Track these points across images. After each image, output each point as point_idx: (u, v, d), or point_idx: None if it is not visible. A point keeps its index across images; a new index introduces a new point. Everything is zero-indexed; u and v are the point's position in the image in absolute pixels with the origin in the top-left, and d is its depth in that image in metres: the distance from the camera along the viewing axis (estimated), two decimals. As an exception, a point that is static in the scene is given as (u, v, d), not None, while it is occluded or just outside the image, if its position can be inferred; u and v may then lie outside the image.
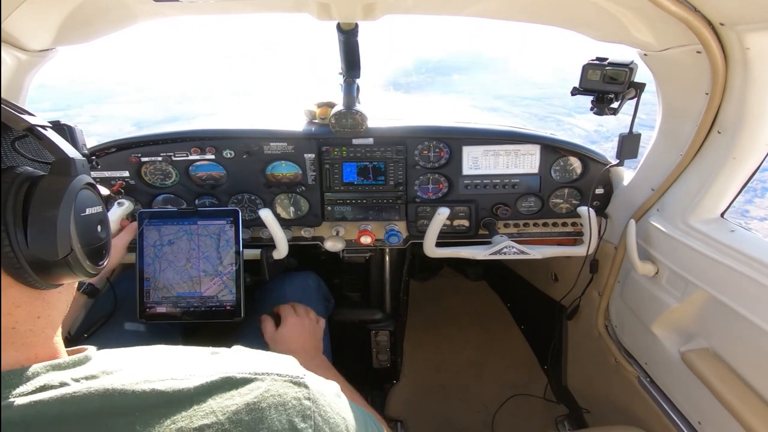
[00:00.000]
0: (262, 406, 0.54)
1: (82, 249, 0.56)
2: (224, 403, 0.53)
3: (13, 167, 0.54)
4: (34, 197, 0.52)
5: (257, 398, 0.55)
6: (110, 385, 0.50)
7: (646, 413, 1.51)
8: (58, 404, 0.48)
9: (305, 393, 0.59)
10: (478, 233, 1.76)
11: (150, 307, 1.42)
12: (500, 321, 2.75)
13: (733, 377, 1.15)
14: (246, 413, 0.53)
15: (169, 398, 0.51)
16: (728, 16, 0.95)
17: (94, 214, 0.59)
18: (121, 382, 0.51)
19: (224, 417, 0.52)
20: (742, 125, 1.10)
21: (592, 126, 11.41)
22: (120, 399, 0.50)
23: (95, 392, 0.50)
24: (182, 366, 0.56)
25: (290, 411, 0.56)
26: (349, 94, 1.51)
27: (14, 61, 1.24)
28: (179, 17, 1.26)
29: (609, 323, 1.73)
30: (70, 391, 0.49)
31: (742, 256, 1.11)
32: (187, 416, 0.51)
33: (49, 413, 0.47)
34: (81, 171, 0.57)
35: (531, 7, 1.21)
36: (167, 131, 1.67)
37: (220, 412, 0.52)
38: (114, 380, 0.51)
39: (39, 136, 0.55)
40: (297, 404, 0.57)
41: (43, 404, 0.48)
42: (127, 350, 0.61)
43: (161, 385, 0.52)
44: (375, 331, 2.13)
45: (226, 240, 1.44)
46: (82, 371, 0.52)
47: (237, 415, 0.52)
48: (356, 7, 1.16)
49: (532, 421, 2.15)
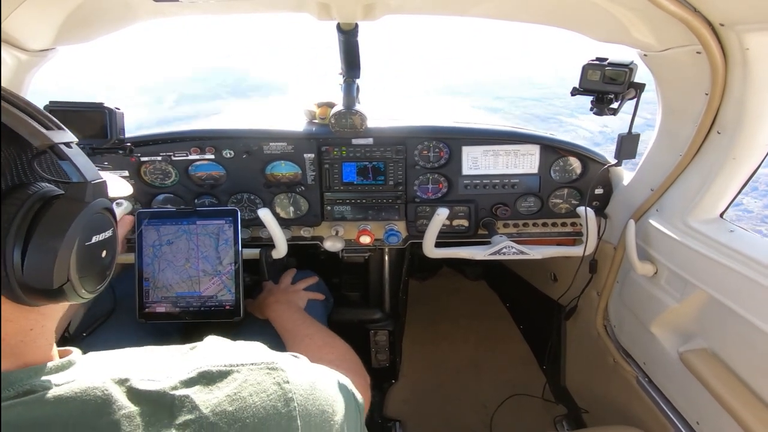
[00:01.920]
0: (243, 395, 0.55)
1: (80, 279, 0.54)
2: (204, 397, 0.54)
3: (27, 184, 0.50)
4: (41, 222, 0.49)
5: (237, 389, 0.56)
6: (90, 385, 0.51)
7: (644, 413, 1.51)
8: (39, 407, 0.48)
9: (283, 376, 0.60)
10: (477, 233, 1.76)
11: (149, 306, 1.42)
12: (499, 321, 2.76)
13: (731, 377, 1.15)
14: (228, 404, 0.54)
15: (149, 396, 0.52)
16: (728, 16, 0.95)
17: (100, 240, 0.57)
18: (101, 383, 0.51)
19: (207, 410, 0.53)
20: (742, 125, 1.10)
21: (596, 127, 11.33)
22: (102, 401, 0.50)
23: (78, 395, 0.50)
24: (160, 366, 0.57)
25: (272, 396, 0.58)
26: (349, 94, 1.51)
27: (14, 61, 1.24)
28: (179, 17, 1.26)
29: (608, 323, 1.73)
30: (52, 395, 0.49)
31: (741, 257, 1.12)
32: (170, 413, 0.52)
33: (31, 416, 0.48)
34: (97, 195, 0.55)
35: (531, 8, 1.22)
36: (167, 131, 1.67)
37: (202, 406, 0.53)
38: (91, 381, 0.51)
39: (60, 155, 0.53)
40: (277, 389, 0.59)
41: (26, 407, 0.48)
42: (109, 353, 0.62)
43: (141, 385, 0.53)
44: (374, 331, 2.13)
45: (225, 240, 1.44)
46: (64, 376, 0.53)
47: (219, 407, 0.53)
48: (356, 7, 1.16)
49: (530, 421, 2.15)
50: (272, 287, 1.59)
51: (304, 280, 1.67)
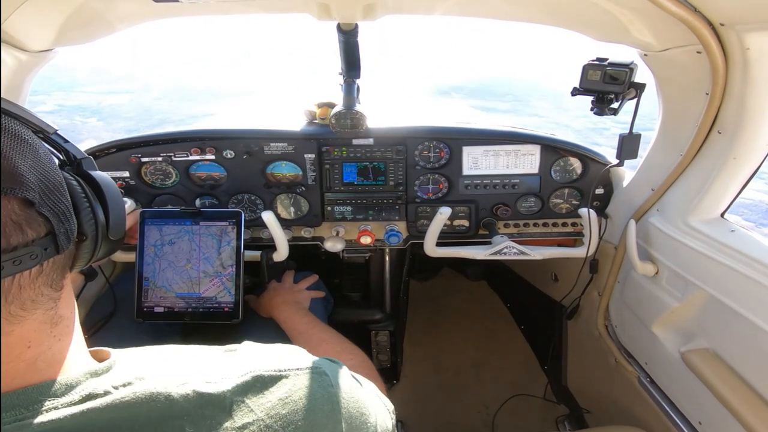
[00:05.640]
0: (294, 398, 0.59)
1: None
2: (259, 401, 0.56)
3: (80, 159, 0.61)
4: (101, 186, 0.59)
5: (288, 392, 0.59)
6: (153, 389, 0.51)
7: (646, 413, 1.51)
8: (108, 412, 0.49)
9: (327, 380, 0.64)
10: (478, 233, 1.76)
11: (148, 306, 1.42)
12: (500, 321, 2.75)
13: (733, 377, 1.15)
14: (281, 407, 0.57)
15: (210, 400, 0.53)
16: (728, 16, 0.95)
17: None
18: (164, 386, 0.52)
19: (263, 413, 0.55)
20: (743, 125, 1.10)
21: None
22: (166, 403, 0.51)
23: (142, 397, 0.50)
24: (211, 367, 0.58)
25: (319, 399, 0.61)
26: (349, 95, 1.51)
27: (14, 61, 1.24)
28: (179, 17, 1.26)
29: (609, 323, 1.73)
30: (117, 398, 0.50)
31: (742, 257, 1.11)
32: (229, 416, 0.53)
33: (101, 421, 0.48)
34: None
35: (531, 8, 1.21)
36: (167, 131, 1.67)
37: (258, 409, 0.55)
38: (153, 385, 0.52)
39: (63, 138, 0.61)
40: (324, 392, 0.62)
41: (95, 413, 0.48)
42: (139, 352, 0.62)
43: (201, 387, 0.54)
44: (375, 332, 2.12)
45: (227, 241, 1.44)
46: (117, 377, 0.53)
47: (274, 410, 0.56)
48: (356, 7, 1.16)
49: (532, 422, 2.15)
50: (277, 286, 1.59)
51: (305, 279, 1.68)
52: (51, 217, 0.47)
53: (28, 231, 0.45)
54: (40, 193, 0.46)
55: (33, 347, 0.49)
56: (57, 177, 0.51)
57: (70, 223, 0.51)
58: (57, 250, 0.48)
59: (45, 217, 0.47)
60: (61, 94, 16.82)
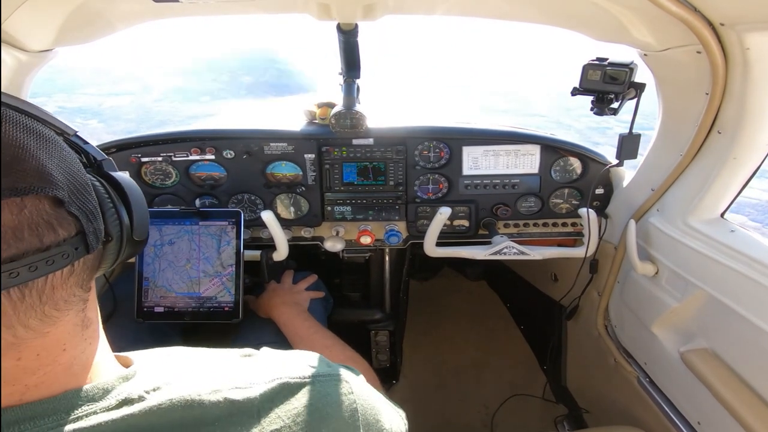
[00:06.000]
0: (318, 405, 0.60)
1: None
2: (286, 408, 0.57)
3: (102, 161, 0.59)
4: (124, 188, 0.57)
5: (312, 400, 0.60)
6: (188, 396, 0.52)
7: (645, 413, 1.51)
8: (146, 417, 0.49)
9: (348, 388, 0.66)
10: (478, 233, 1.76)
11: (148, 306, 1.42)
12: (500, 321, 2.75)
13: (732, 377, 1.15)
14: (307, 414, 0.58)
15: (240, 407, 0.54)
16: (728, 16, 0.95)
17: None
18: (197, 393, 0.53)
19: (290, 420, 0.56)
20: (743, 125, 1.10)
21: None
22: (200, 409, 0.52)
23: (177, 403, 0.51)
24: (237, 374, 0.59)
25: (341, 406, 0.63)
26: (349, 95, 1.51)
27: (14, 62, 1.24)
28: (179, 18, 1.26)
29: (608, 323, 1.73)
30: (154, 404, 0.50)
31: (742, 257, 1.11)
32: (258, 423, 0.54)
33: (139, 426, 0.48)
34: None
35: (531, 7, 1.21)
36: (167, 131, 1.67)
37: (285, 416, 0.57)
38: (186, 391, 0.52)
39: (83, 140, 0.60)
40: (345, 399, 0.64)
41: (133, 418, 0.49)
42: (155, 355, 0.62)
43: (231, 394, 0.54)
44: (374, 331, 2.12)
45: (227, 241, 1.44)
46: (146, 382, 0.53)
47: (299, 417, 0.57)
48: (356, 7, 1.16)
49: (531, 421, 2.15)
50: (276, 287, 1.59)
51: (305, 279, 1.67)
52: (80, 216, 0.46)
53: (60, 230, 0.44)
54: (68, 192, 0.46)
55: (68, 350, 0.49)
56: (83, 177, 0.50)
57: (98, 222, 0.50)
58: (87, 250, 0.47)
59: (74, 216, 0.46)
60: (62, 96, 16.81)
